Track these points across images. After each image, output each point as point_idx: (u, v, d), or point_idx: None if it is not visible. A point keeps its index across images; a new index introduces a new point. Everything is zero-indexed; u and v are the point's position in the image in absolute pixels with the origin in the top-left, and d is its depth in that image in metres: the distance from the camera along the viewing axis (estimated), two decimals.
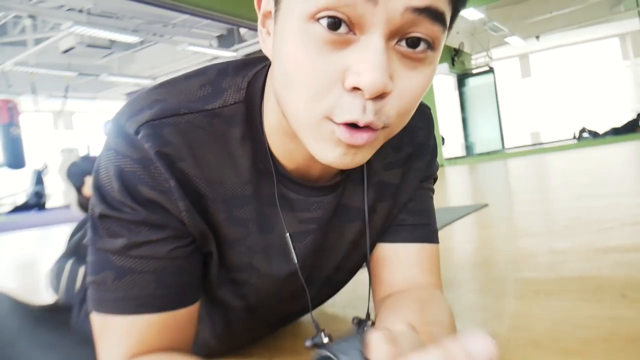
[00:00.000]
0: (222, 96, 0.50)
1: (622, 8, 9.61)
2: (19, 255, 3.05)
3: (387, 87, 0.38)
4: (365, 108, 0.39)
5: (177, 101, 0.49)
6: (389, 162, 0.62)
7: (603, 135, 9.33)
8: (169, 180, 0.47)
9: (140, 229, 0.47)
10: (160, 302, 0.48)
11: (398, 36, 0.39)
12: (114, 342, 0.47)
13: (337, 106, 0.40)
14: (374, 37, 0.38)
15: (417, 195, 0.65)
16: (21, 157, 8.03)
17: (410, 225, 0.64)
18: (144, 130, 0.46)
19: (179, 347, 0.51)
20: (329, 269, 0.64)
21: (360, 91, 0.38)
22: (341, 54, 0.39)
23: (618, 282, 0.89)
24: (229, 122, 0.50)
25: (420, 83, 0.42)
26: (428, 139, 0.65)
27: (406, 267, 0.63)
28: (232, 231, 0.53)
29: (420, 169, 0.65)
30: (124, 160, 0.46)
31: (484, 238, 1.61)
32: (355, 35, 0.38)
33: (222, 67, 0.53)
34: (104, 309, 0.47)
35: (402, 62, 0.40)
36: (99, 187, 0.47)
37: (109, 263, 0.47)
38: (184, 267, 0.49)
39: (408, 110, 0.43)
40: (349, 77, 0.38)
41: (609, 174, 3.16)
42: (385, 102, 0.40)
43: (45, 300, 0.77)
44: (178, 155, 0.47)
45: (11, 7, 6.15)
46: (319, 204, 0.56)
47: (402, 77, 0.40)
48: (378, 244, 0.65)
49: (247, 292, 0.59)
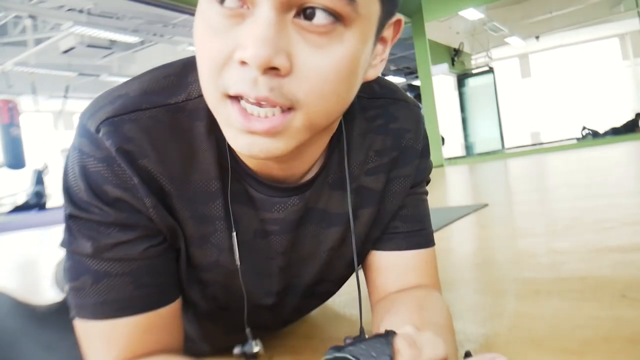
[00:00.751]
0: (186, 89, 0.49)
1: (622, 8, 9.61)
2: (19, 255, 3.04)
3: (275, 61, 0.36)
4: (256, 81, 0.37)
5: (140, 95, 0.47)
6: (371, 167, 0.59)
7: (603, 135, 9.33)
8: (132, 178, 0.46)
9: (110, 230, 0.46)
10: (139, 304, 0.47)
11: (295, 8, 0.37)
12: (101, 348, 0.47)
13: (230, 79, 0.39)
14: (263, 8, 0.36)
15: (409, 202, 0.62)
16: (21, 158, 8.04)
17: (404, 232, 0.62)
18: (104, 128, 0.45)
19: (169, 348, 0.50)
20: (308, 278, 0.62)
21: (249, 65, 0.37)
22: (235, 30, 0.38)
23: (618, 282, 0.89)
24: (193, 116, 0.49)
25: (330, 62, 0.39)
26: (416, 142, 0.61)
27: (402, 274, 0.62)
28: (198, 229, 0.52)
29: (409, 175, 0.61)
30: (88, 159, 0.45)
31: (484, 238, 1.61)
32: (249, 9, 0.37)
33: (188, 61, 0.51)
34: (86, 315, 0.47)
35: (304, 37, 0.38)
36: (67, 188, 0.47)
37: (85, 268, 0.46)
38: (159, 266, 0.49)
39: (323, 92, 0.40)
40: (237, 51, 0.38)
41: (609, 174, 3.16)
42: (285, 80, 0.38)
43: (48, 299, 0.77)
44: (140, 152, 0.46)
45: (11, 7, 6.15)
46: (281, 205, 0.53)
47: (304, 54, 0.38)
48: (372, 251, 0.63)
49: (215, 293, 0.58)
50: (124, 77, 9.52)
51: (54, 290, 0.94)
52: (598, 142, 8.26)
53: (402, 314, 0.53)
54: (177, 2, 4.99)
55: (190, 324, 0.64)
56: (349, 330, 0.57)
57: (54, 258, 0.90)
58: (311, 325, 0.87)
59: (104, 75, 9.14)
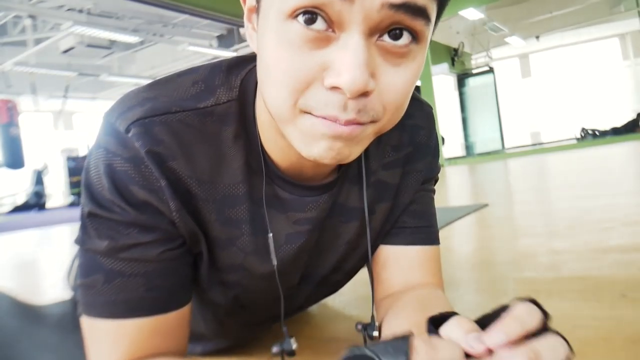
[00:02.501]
0: (214, 94, 0.50)
1: (622, 8, 9.62)
2: (19, 255, 3.05)
3: (369, 86, 0.38)
4: (346, 106, 0.38)
5: (169, 99, 0.48)
6: (388, 161, 0.61)
7: (603, 135, 9.34)
8: (159, 180, 0.46)
9: (129, 230, 0.46)
10: (150, 306, 0.47)
11: (379, 32, 0.38)
12: (105, 347, 0.47)
13: (316, 102, 0.39)
14: (353, 35, 0.37)
15: (418, 198, 0.64)
16: (20, 157, 8.04)
17: (412, 227, 0.63)
18: (134, 129, 0.45)
19: (173, 350, 0.50)
20: (325, 269, 0.63)
21: (340, 90, 0.38)
22: (321, 52, 0.38)
23: (618, 282, 0.89)
24: (221, 121, 0.49)
25: (405, 79, 0.41)
26: (429, 139, 0.64)
27: (407, 269, 0.62)
28: (224, 232, 0.52)
29: (422, 170, 0.63)
30: (115, 158, 0.45)
31: (484, 238, 1.61)
32: (335, 33, 0.38)
33: (215, 65, 0.52)
34: (94, 313, 0.47)
35: (385, 57, 0.39)
36: (89, 185, 0.47)
37: (99, 265, 0.46)
38: (173, 269, 0.49)
39: (397, 106, 0.42)
40: (328, 76, 0.38)
41: (609, 174, 3.16)
42: (369, 99, 0.39)
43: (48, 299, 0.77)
44: (169, 154, 0.46)
45: (11, 7, 6.15)
46: (313, 204, 0.54)
47: (385, 73, 0.40)
48: (380, 245, 0.64)
49: (238, 293, 0.58)
50: (124, 77, 9.53)
51: (63, 287, 0.93)
52: (598, 142, 8.26)
53: (405, 313, 0.53)
54: (177, 2, 4.99)
55: (207, 323, 0.64)
56: (349, 330, 0.57)
57: (54, 258, 0.90)
58: (311, 326, 0.87)
59: (103, 75, 9.14)
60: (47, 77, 8.86)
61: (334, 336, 0.80)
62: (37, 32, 7.45)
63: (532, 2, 9.05)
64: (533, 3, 9.10)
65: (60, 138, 12.18)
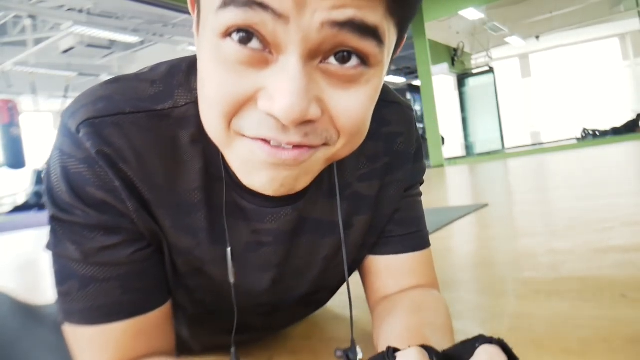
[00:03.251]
0: (172, 96, 0.47)
1: (622, 8, 9.61)
2: (19, 255, 3.04)
3: (309, 114, 0.35)
4: (286, 129, 0.36)
5: (124, 98, 0.45)
6: (364, 173, 0.58)
7: (603, 135, 9.33)
8: (114, 180, 0.44)
9: (94, 234, 0.45)
10: (128, 308, 0.46)
11: (321, 55, 0.35)
12: (92, 353, 0.46)
13: (249, 124, 0.37)
14: (290, 58, 0.34)
15: (403, 205, 0.62)
16: (21, 157, 8.04)
17: (400, 236, 0.61)
18: (84, 129, 0.43)
19: (160, 350, 0.49)
20: (304, 287, 0.61)
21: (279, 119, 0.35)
22: (257, 74, 0.36)
23: (618, 282, 0.89)
24: (179, 125, 0.47)
25: (359, 103, 0.38)
26: (409, 146, 0.60)
27: (399, 276, 0.61)
28: (180, 240, 0.50)
29: (403, 179, 0.61)
30: (70, 160, 0.44)
31: (484, 238, 1.61)
32: (272, 55, 0.35)
33: (175, 64, 0.50)
34: (74, 320, 0.46)
35: (331, 82, 0.36)
36: (50, 189, 0.45)
37: (72, 272, 0.45)
38: (146, 270, 0.48)
39: (353, 132, 0.39)
40: (261, 100, 0.35)
41: (609, 174, 3.16)
42: (315, 125, 0.37)
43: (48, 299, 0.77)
44: (119, 156, 0.44)
45: (11, 7, 6.15)
46: (274, 215, 0.51)
47: (334, 97, 0.37)
48: (369, 256, 0.63)
49: (202, 298, 0.56)
50: None
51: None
52: (598, 142, 8.26)
53: (400, 316, 0.53)
54: (177, 2, 4.99)
55: (181, 325, 0.63)
56: (349, 330, 0.57)
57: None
58: (310, 326, 0.87)
59: (103, 75, 9.14)
60: (47, 77, 8.86)
61: (334, 336, 0.80)
62: (37, 32, 7.45)
63: (532, 2, 9.04)
64: (533, 3, 9.10)
65: None
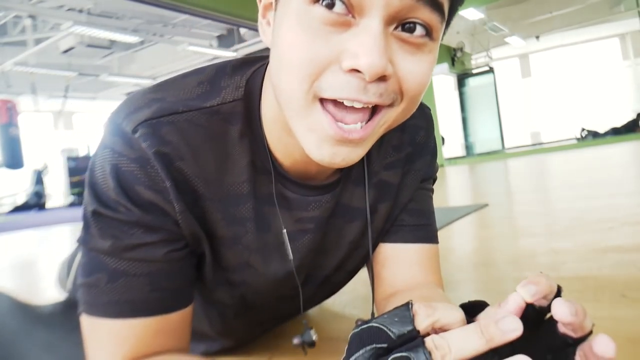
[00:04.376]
0: (220, 94, 0.50)
1: (622, 8, 9.62)
2: (19, 255, 3.05)
3: (387, 70, 0.38)
4: (365, 88, 0.39)
5: (176, 99, 0.48)
6: (390, 161, 0.62)
7: (603, 135, 9.34)
8: (165, 181, 0.46)
9: (133, 230, 0.46)
10: (154, 306, 0.47)
11: (396, 21, 0.39)
12: (107, 346, 0.47)
13: (332, 84, 0.39)
14: (373, 20, 0.38)
15: (417, 196, 0.65)
16: (19, 158, 8.04)
17: (411, 225, 0.64)
18: (142, 129, 0.46)
19: (175, 348, 0.50)
20: (328, 269, 0.64)
21: (359, 73, 0.38)
22: (340, 37, 0.39)
23: (618, 282, 0.89)
24: (227, 120, 0.50)
25: (422, 69, 0.42)
26: (428, 139, 0.65)
27: (407, 266, 0.63)
28: (229, 230, 0.53)
29: (421, 169, 0.64)
30: (121, 159, 0.45)
31: (484, 238, 1.61)
32: (355, 18, 0.38)
33: (220, 66, 0.53)
34: (96, 312, 0.46)
35: (401, 47, 0.40)
36: (94, 184, 0.46)
37: (102, 265, 0.46)
38: (178, 270, 0.49)
39: (415, 94, 0.43)
40: (346, 59, 0.38)
41: (609, 174, 3.16)
42: (387, 83, 0.40)
43: (48, 299, 0.77)
44: (176, 154, 0.47)
45: (11, 7, 6.15)
46: (316, 203, 0.55)
47: (403, 60, 0.41)
48: (379, 244, 0.65)
49: (244, 293, 0.59)
50: (124, 77, 9.52)
51: (56, 290, 0.94)
52: (598, 142, 8.26)
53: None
54: (177, 2, 4.99)
55: (213, 323, 0.65)
56: (349, 330, 0.57)
57: (54, 258, 0.90)
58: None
59: (103, 75, 9.14)
60: (47, 77, 8.86)
61: (334, 336, 0.80)
62: (37, 32, 7.45)
63: (532, 2, 9.04)
64: (533, 3, 9.10)
65: (60, 138, 12.18)
